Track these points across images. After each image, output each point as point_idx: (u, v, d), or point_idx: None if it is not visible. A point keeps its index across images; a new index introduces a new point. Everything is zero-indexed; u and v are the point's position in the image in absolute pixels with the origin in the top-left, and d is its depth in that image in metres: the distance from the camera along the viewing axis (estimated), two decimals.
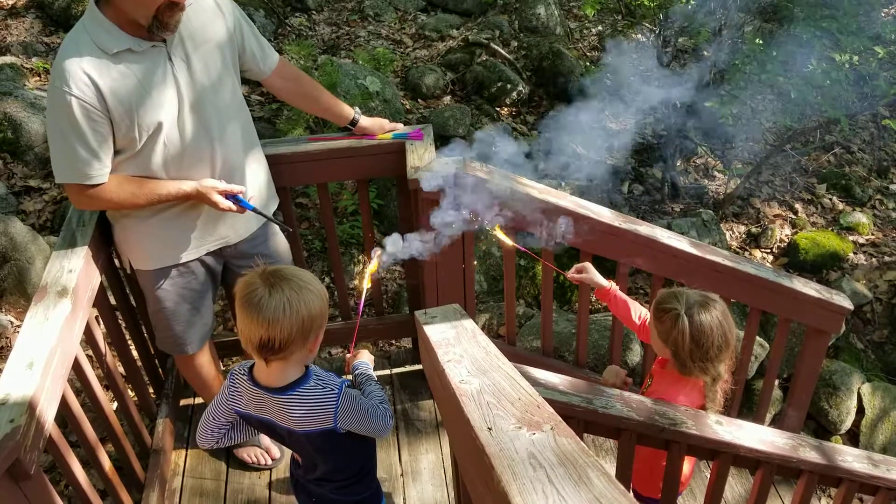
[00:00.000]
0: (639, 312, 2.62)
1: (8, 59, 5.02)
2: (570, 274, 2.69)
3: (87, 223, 2.59)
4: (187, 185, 2.37)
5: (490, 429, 1.31)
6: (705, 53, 5.87)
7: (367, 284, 2.32)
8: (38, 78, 5.03)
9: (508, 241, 2.80)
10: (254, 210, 2.52)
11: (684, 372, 2.26)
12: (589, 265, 2.69)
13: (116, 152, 2.29)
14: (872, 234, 6.15)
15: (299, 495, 2.23)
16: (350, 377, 2.15)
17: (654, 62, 6.22)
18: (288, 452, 2.58)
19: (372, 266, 2.32)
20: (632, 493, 2.70)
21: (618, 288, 2.67)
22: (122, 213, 2.49)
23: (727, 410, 2.46)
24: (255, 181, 2.64)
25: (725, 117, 5.09)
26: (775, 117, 5.98)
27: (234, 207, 2.44)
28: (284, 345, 1.78)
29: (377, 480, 2.24)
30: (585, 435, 2.11)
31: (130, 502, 2.71)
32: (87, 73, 2.12)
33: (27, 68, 5.05)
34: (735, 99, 5.22)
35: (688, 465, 2.52)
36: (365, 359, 2.21)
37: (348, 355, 2.25)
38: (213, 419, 2.07)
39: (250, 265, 2.71)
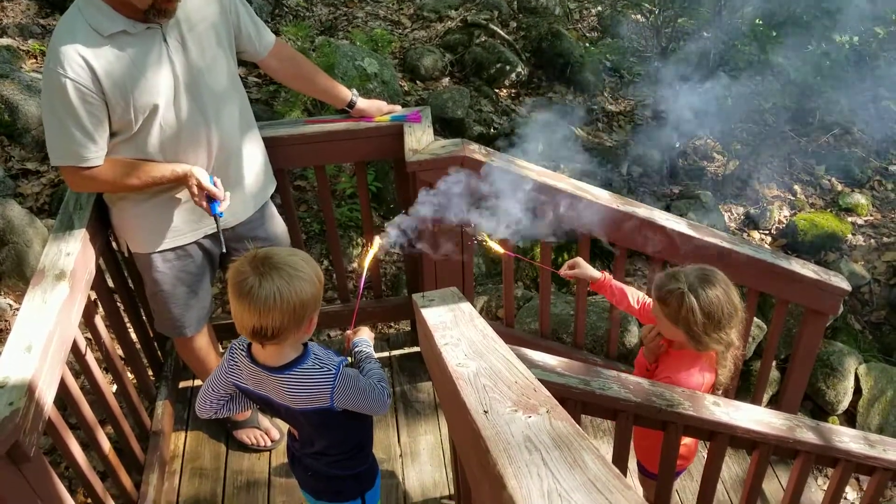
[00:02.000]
0: (636, 296, 2.62)
1: (4, 41, 4.99)
2: (563, 271, 2.68)
3: (84, 206, 2.59)
4: (180, 168, 2.37)
5: (486, 412, 1.31)
6: (705, 34, 5.83)
7: (367, 263, 2.31)
8: (34, 60, 5.01)
9: (501, 250, 2.78)
10: (215, 216, 2.43)
11: (700, 348, 2.27)
12: (581, 260, 2.68)
13: (112, 135, 2.28)
14: (871, 216, 6.16)
15: (296, 468, 2.24)
16: (350, 358, 2.15)
17: (653, 42, 6.19)
18: (286, 432, 2.59)
19: (373, 251, 2.31)
20: (637, 468, 2.74)
21: (611, 277, 2.67)
22: (120, 196, 2.48)
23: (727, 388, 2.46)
24: (253, 163, 2.63)
25: (725, 98, 5.08)
26: (775, 98, 5.96)
27: (204, 205, 2.39)
28: (277, 332, 1.78)
29: (373, 455, 2.25)
30: (583, 416, 2.12)
31: (130, 484, 2.73)
32: (82, 55, 2.11)
33: (23, 50, 5.02)
34: (735, 80, 5.20)
35: (692, 439, 2.53)
36: (365, 336, 2.21)
37: (348, 332, 2.25)
38: (212, 391, 2.08)
39: (248, 249, 2.73)
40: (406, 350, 3.62)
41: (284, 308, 1.74)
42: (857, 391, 4.75)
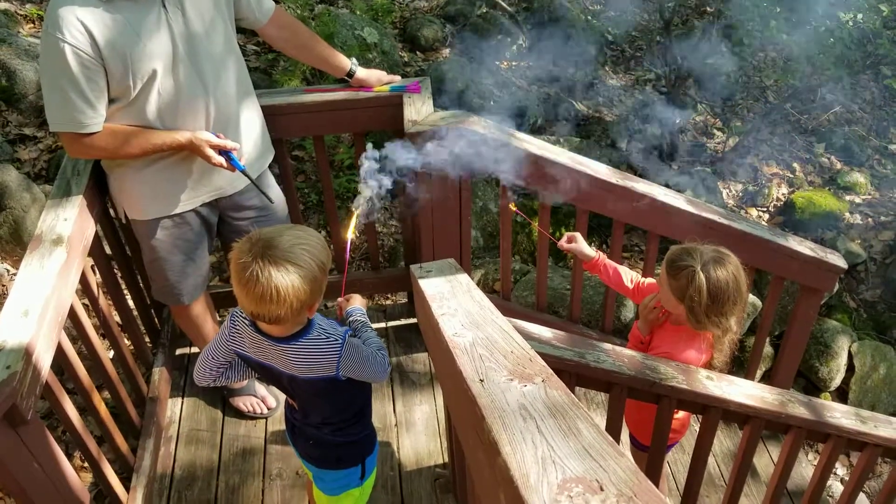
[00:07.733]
0: (630, 276, 2.63)
1: (1, 5, 4.94)
2: (561, 243, 2.68)
3: (81, 172, 2.58)
4: (182, 136, 2.36)
5: (482, 381, 1.32)
6: (708, 10, 5.79)
7: (350, 235, 2.29)
8: (32, 25, 4.96)
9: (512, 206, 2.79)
10: (243, 171, 2.49)
11: (698, 327, 2.27)
12: (578, 235, 2.68)
13: (111, 101, 2.27)
14: (869, 194, 6.15)
15: (296, 439, 2.25)
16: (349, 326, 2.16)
17: (656, 16, 6.14)
18: (282, 401, 2.60)
19: (351, 228, 2.29)
20: (629, 441, 2.76)
21: (605, 257, 2.67)
22: (117, 163, 2.48)
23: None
24: (251, 132, 2.62)
25: (727, 75, 5.05)
26: (777, 75, 5.94)
27: (224, 164, 2.42)
28: (275, 321, 1.79)
29: (372, 422, 2.27)
30: (577, 389, 2.13)
31: (127, 448, 2.75)
32: (81, 20, 2.09)
33: (21, 15, 4.98)
34: (738, 56, 5.17)
35: (684, 413, 2.55)
36: (357, 304, 2.21)
37: (340, 300, 2.25)
38: (212, 358, 2.08)
39: (246, 217, 2.72)
40: (403, 321, 3.64)
41: (282, 303, 1.73)
42: (850, 369, 4.78)
